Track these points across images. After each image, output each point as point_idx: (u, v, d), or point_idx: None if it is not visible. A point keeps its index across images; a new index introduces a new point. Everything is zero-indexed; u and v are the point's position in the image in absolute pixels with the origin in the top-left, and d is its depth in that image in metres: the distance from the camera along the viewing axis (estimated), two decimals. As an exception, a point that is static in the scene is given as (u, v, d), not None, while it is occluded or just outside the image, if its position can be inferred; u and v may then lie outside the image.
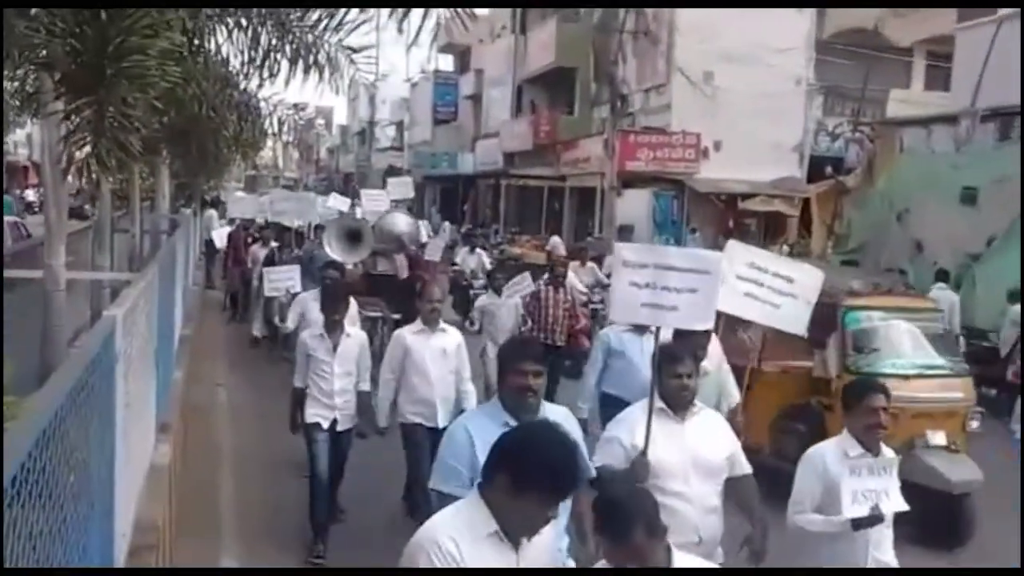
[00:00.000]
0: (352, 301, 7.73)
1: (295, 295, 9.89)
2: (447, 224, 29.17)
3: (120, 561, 3.87)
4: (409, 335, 6.53)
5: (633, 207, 26.77)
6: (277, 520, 7.08)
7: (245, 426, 9.76)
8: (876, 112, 23.33)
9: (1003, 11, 15.93)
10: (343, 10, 6.89)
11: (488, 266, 22.99)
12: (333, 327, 6.60)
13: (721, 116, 25.03)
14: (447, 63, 49.92)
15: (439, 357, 6.42)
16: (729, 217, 26.63)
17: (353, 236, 11.78)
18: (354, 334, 6.80)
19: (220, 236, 19.54)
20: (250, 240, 17.21)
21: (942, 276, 12.97)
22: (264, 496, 7.64)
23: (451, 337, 6.59)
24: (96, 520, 3.23)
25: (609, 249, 26.17)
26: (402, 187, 16.20)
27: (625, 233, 26.69)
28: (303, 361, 6.61)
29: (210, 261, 21.24)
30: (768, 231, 26.54)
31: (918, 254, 14.99)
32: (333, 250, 11.40)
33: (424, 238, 15.29)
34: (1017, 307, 11.74)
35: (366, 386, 6.73)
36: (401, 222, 12.87)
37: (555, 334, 9.74)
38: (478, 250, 21.38)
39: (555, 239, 22.48)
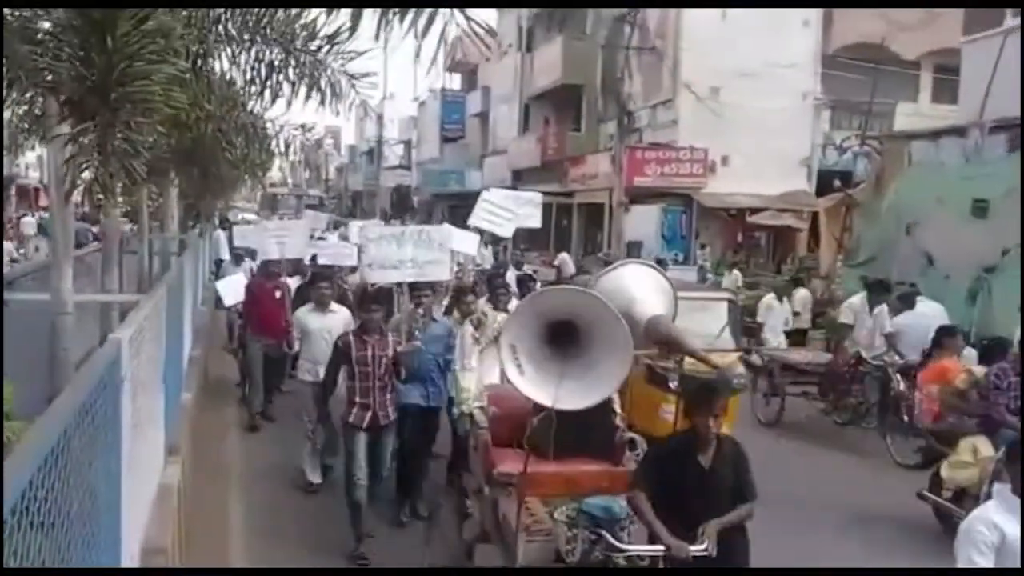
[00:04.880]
0: None
1: None
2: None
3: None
4: None
5: (641, 222, 26.79)
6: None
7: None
8: (884, 125, 23.31)
9: (1009, 22, 15.90)
10: (345, 36, 6.91)
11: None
12: None
13: (728, 131, 25.06)
14: (454, 81, 50.19)
15: None
16: (738, 231, 26.63)
17: (563, 332, 4.88)
18: None
19: (231, 289, 12.22)
20: (279, 294, 10.94)
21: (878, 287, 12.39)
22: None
23: None
24: (102, 544, 3.22)
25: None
26: (530, 207, 11.03)
27: (634, 249, 26.73)
28: None
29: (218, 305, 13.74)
30: (777, 245, 26.54)
31: (929, 267, 14.90)
32: (527, 381, 4.79)
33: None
34: (1028, 319, 11.61)
35: None
36: (652, 294, 5.54)
37: None
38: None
39: (563, 255, 22.44)
